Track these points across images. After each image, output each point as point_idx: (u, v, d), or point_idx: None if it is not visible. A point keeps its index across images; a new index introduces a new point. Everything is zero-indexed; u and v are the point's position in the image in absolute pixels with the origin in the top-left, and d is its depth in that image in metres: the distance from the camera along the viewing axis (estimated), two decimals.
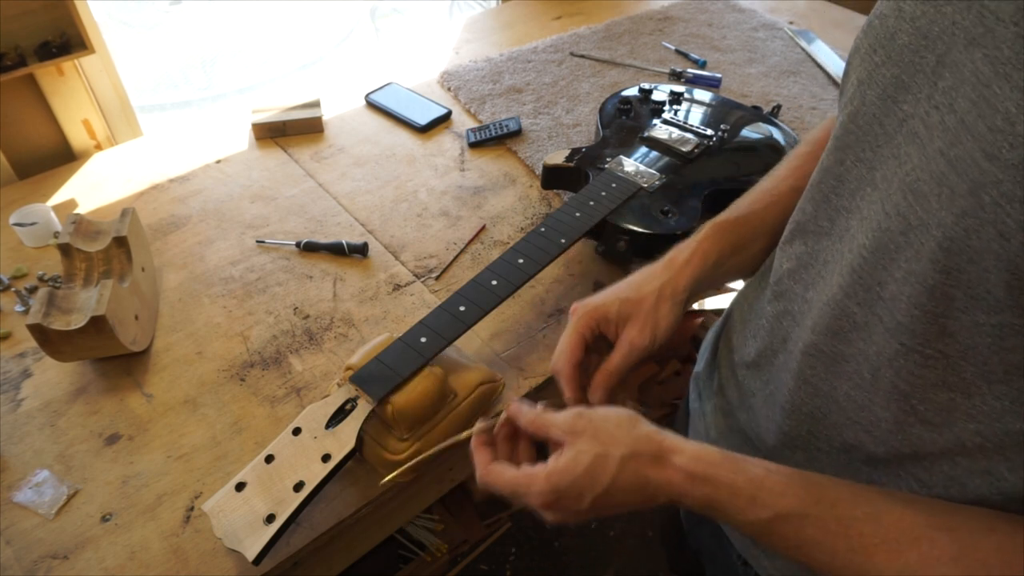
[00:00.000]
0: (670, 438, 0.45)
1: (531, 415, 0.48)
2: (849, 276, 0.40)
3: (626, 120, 1.00)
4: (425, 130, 1.13)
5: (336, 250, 0.90)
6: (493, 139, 1.09)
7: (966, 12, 0.33)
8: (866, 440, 0.43)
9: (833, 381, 0.44)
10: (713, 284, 0.56)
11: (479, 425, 0.51)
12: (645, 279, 0.56)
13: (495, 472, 0.47)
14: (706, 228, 0.57)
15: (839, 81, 1.19)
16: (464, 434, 0.52)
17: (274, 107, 1.13)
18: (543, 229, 0.77)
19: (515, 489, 0.46)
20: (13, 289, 0.84)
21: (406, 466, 0.56)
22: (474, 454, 0.50)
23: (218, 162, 1.07)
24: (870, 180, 0.40)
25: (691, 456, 0.43)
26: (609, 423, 0.46)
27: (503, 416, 0.50)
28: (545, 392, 0.78)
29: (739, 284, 0.63)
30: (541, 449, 0.51)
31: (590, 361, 0.56)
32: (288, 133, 1.12)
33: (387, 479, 0.56)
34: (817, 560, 0.40)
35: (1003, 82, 0.30)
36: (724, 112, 1.02)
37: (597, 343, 0.56)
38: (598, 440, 0.44)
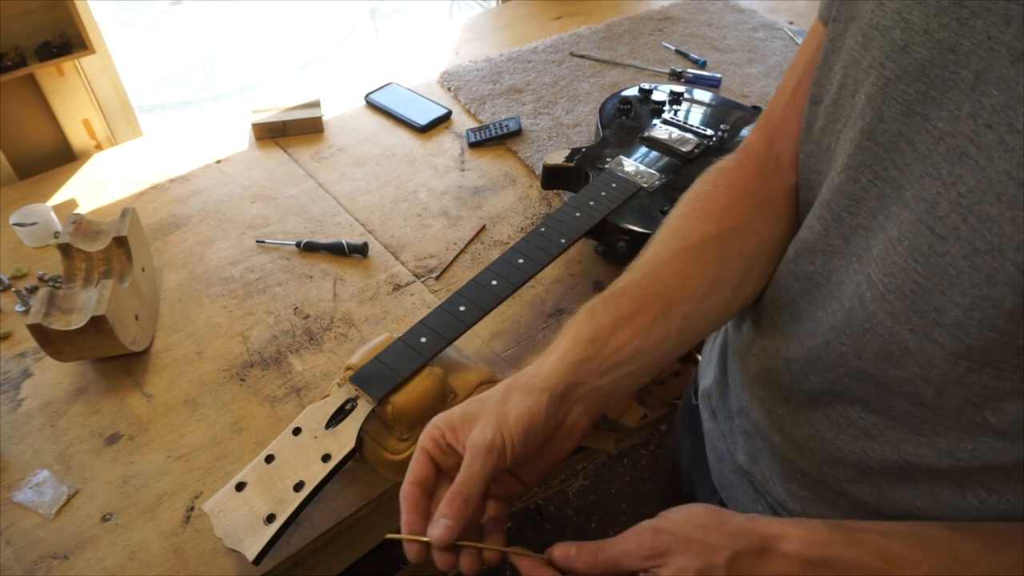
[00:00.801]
0: (766, 524, 0.40)
1: (588, 554, 0.40)
2: (897, 302, 0.38)
3: (626, 120, 1.00)
4: (425, 130, 1.13)
5: (336, 250, 0.90)
6: (493, 139, 1.09)
7: (1004, 26, 0.32)
8: (928, 454, 0.40)
9: (889, 401, 0.41)
10: (605, 371, 0.45)
11: (515, 553, 0.42)
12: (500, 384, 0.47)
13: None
14: (577, 313, 0.48)
15: None
16: (480, 544, 0.44)
17: (274, 107, 1.13)
18: (543, 229, 0.77)
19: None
20: (13, 289, 0.84)
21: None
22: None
23: (218, 162, 1.07)
24: (896, 199, 0.38)
25: (801, 540, 0.39)
26: (694, 527, 0.40)
27: (547, 559, 0.42)
28: None
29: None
30: None
31: (439, 482, 0.46)
32: (288, 133, 1.12)
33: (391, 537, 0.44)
34: None
35: None
36: (724, 112, 1.02)
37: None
38: (692, 552, 0.38)
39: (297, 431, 0.60)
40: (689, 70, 1.23)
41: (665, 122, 0.98)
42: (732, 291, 0.49)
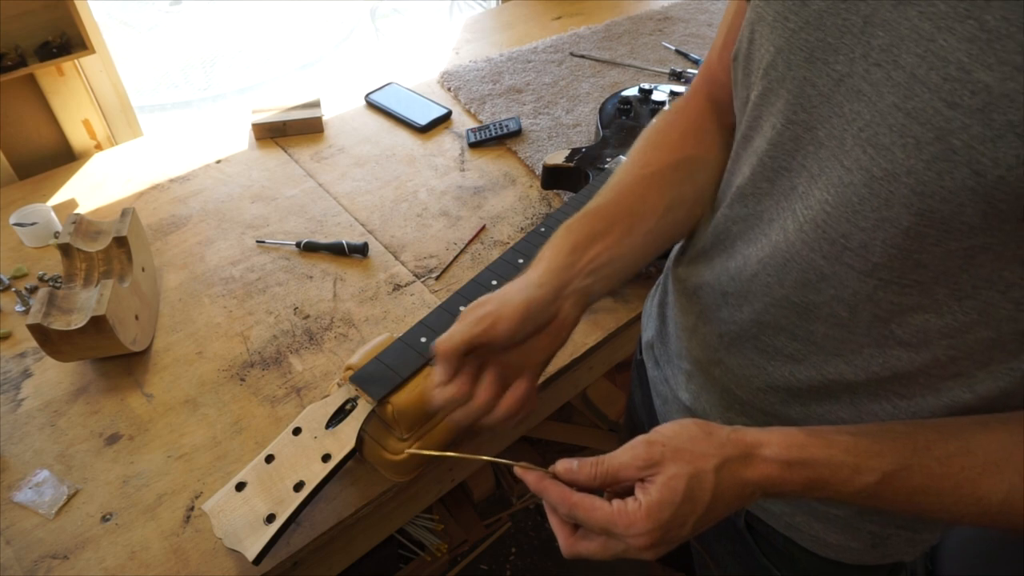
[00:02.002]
0: (750, 432, 0.43)
1: (589, 467, 0.44)
2: (813, 232, 0.42)
3: (626, 120, 1.00)
4: (425, 130, 1.13)
5: (336, 250, 0.90)
6: (493, 139, 1.09)
7: None
8: (846, 371, 0.45)
9: (809, 326, 0.45)
10: (585, 275, 0.51)
11: (523, 465, 0.46)
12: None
13: (586, 504, 0.43)
14: (557, 230, 0.54)
15: None
16: (485, 457, 0.49)
17: (274, 107, 1.13)
18: (543, 229, 0.77)
19: (611, 528, 0.42)
20: (13, 289, 0.84)
21: (440, 454, 0.53)
22: (544, 493, 0.45)
23: (218, 162, 1.07)
24: (811, 139, 0.41)
25: (780, 444, 0.42)
26: (684, 439, 0.43)
27: (551, 475, 0.45)
28: (545, 392, 0.78)
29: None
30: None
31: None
32: (288, 133, 1.12)
33: (413, 451, 0.52)
34: (928, 505, 0.41)
35: (947, 35, 0.32)
36: None
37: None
38: (684, 460, 0.42)
39: (297, 431, 0.60)
40: (689, 70, 1.23)
41: None
42: (686, 211, 0.56)
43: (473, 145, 1.09)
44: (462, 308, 0.67)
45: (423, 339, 0.65)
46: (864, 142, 0.38)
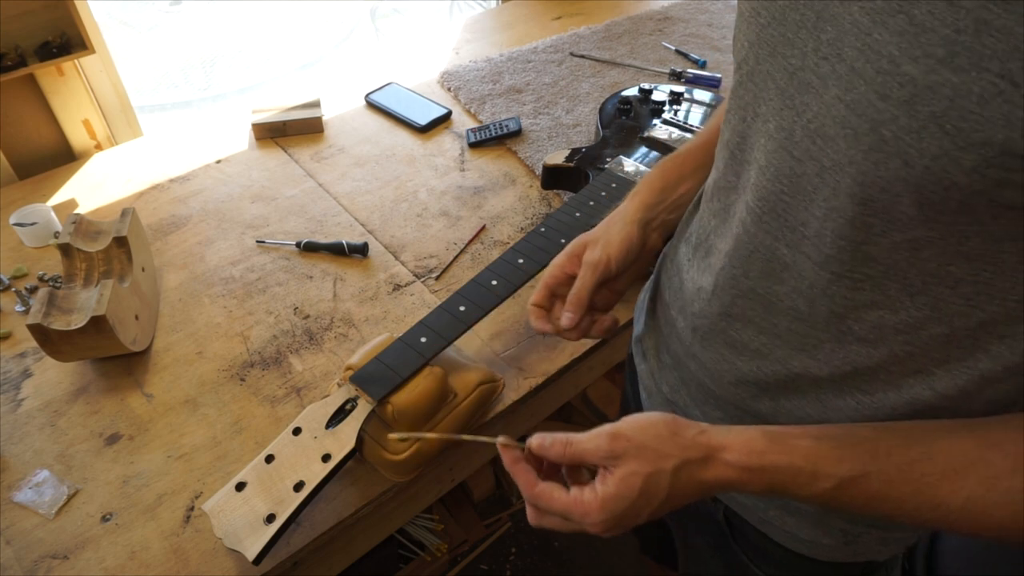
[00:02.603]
0: (715, 435, 0.45)
1: (559, 447, 0.47)
2: (773, 221, 0.43)
3: (626, 120, 1.00)
4: (425, 130, 1.13)
5: (336, 250, 0.90)
6: (493, 139, 1.09)
7: None
8: (811, 365, 0.46)
9: (773, 319, 0.47)
10: (672, 210, 0.62)
11: (503, 438, 0.49)
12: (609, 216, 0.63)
13: (544, 496, 0.46)
14: (653, 167, 0.64)
15: None
16: (467, 437, 0.51)
17: (274, 107, 1.13)
18: (543, 229, 0.77)
19: (568, 515, 0.45)
20: (13, 289, 0.84)
21: (428, 435, 0.53)
22: (515, 475, 0.48)
23: (218, 162, 1.07)
24: (764, 132, 0.43)
25: (741, 450, 0.44)
26: (648, 436, 0.45)
27: (526, 450, 0.48)
28: (545, 392, 0.78)
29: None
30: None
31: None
32: (288, 133, 1.12)
33: (398, 437, 0.53)
34: (887, 510, 0.42)
35: (882, 29, 0.33)
36: None
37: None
38: (644, 459, 0.44)
39: (297, 431, 0.60)
40: (689, 70, 1.23)
41: (665, 122, 0.98)
42: None
43: (473, 145, 1.09)
44: (462, 308, 0.68)
45: (423, 339, 0.65)
46: (813, 133, 0.39)
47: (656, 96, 1.04)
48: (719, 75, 1.21)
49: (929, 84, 0.32)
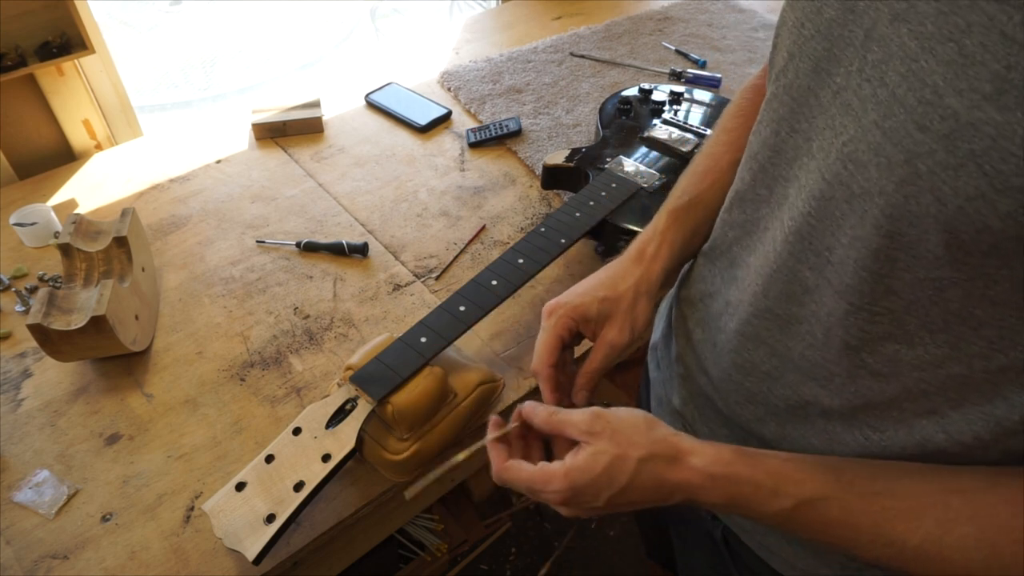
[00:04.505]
0: (687, 441, 0.46)
1: (545, 414, 0.49)
2: (798, 243, 0.42)
3: (626, 120, 1.00)
4: (425, 130, 1.13)
5: (336, 250, 0.90)
6: (493, 139, 1.09)
7: None
8: (821, 395, 0.45)
9: (788, 342, 0.46)
10: (677, 271, 0.60)
11: (493, 435, 0.52)
12: (620, 275, 0.57)
13: (512, 469, 0.49)
14: (664, 216, 0.59)
15: None
16: (463, 455, 0.53)
17: (274, 107, 1.13)
18: (543, 229, 0.77)
19: (531, 486, 0.47)
20: (13, 289, 0.84)
21: (433, 475, 0.54)
22: (490, 452, 0.51)
23: (218, 162, 1.07)
24: (807, 150, 0.41)
25: (708, 458, 0.45)
26: (626, 424, 0.47)
27: (515, 413, 0.51)
28: None
29: None
30: (549, 449, 0.52)
31: (566, 359, 0.58)
32: (288, 133, 1.12)
33: (409, 492, 0.54)
34: (843, 539, 0.42)
35: (929, 56, 0.32)
36: None
37: (572, 340, 0.58)
38: (616, 442, 0.46)
39: (297, 431, 0.60)
40: (689, 70, 1.23)
41: (665, 122, 0.98)
42: None
43: (473, 145, 1.09)
44: (462, 308, 0.68)
45: (423, 339, 0.65)
46: (845, 157, 0.37)
47: (656, 96, 1.04)
48: (719, 75, 1.21)
49: (972, 120, 0.30)
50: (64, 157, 1.10)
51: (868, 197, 0.36)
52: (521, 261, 0.73)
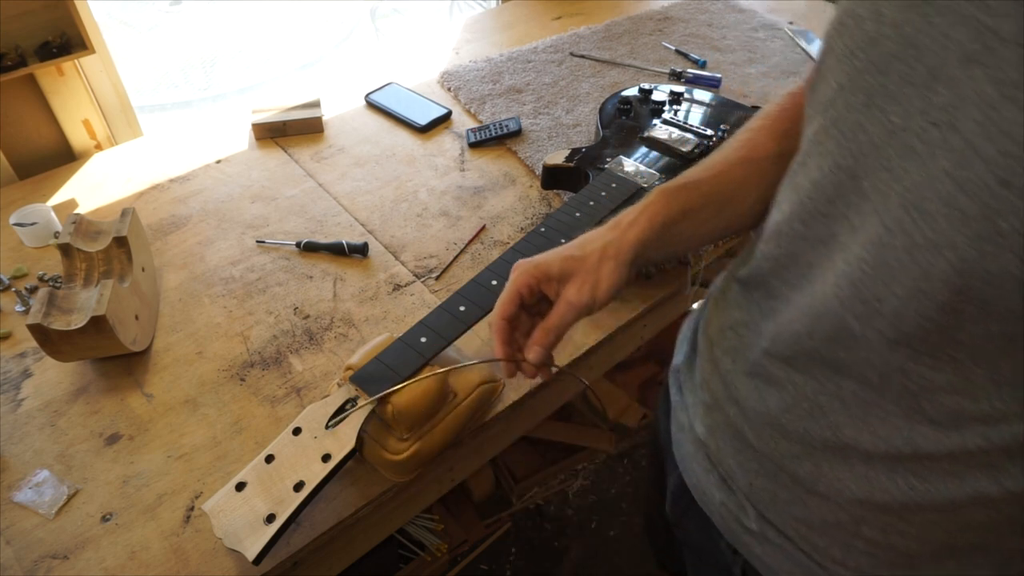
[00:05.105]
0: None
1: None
2: (848, 289, 0.39)
3: (626, 120, 1.00)
4: (425, 130, 1.13)
5: (336, 250, 0.90)
6: (493, 139, 1.09)
7: (959, 27, 0.32)
8: (865, 439, 0.43)
9: (837, 379, 0.43)
10: (661, 248, 0.56)
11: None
12: (590, 239, 0.56)
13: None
14: (655, 192, 0.57)
15: None
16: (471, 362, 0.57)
17: (274, 107, 1.13)
18: (543, 229, 0.77)
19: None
20: (13, 289, 0.84)
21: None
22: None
23: (218, 162, 1.07)
24: (855, 189, 0.39)
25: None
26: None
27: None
28: (545, 392, 0.78)
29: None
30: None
31: (531, 321, 0.57)
32: (288, 133, 1.12)
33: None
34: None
35: (1011, 105, 0.30)
36: (724, 112, 1.02)
37: (538, 304, 0.57)
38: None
39: (297, 431, 0.60)
40: (689, 70, 1.23)
41: (665, 122, 0.98)
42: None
43: (473, 145, 1.09)
44: (462, 308, 0.67)
45: (423, 339, 0.65)
46: (909, 204, 0.35)
47: (656, 96, 1.05)
48: (719, 75, 1.21)
49: None
50: (64, 157, 1.10)
51: (935, 250, 0.34)
52: None
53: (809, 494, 0.47)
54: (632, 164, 0.89)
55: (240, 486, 0.57)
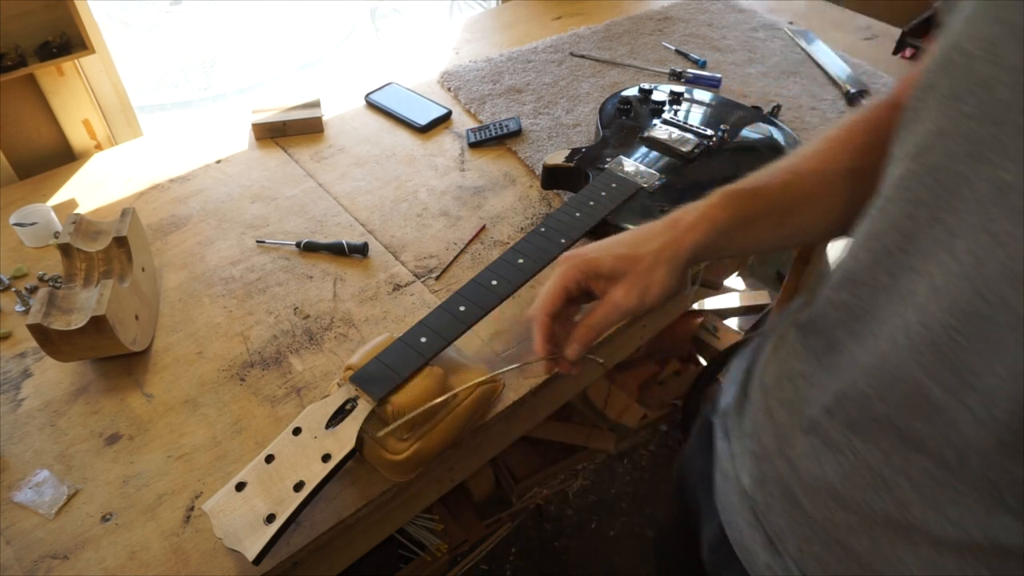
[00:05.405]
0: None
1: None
2: (932, 356, 0.35)
3: (626, 120, 1.00)
4: (425, 130, 1.13)
5: (336, 250, 0.90)
6: (493, 139, 1.09)
7: None
8: (934, 521, 0.38)
9: (908, 453, 0.39)
10: (717, 254, 0.54)
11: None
12: (645, 237, 0.53)
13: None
14: (717, 195, 0.53)
15: (839, 81, 1.19)
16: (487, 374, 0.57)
17: (274, 107, 1.13)
18: (543, 229, 0.77)
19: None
20: (13, 289, 0.84)
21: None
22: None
23: (218, 162, 1.07)
24: (948, 247, 0.35)
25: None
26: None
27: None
28: (545, 392, 0.78)
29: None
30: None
31: (570, 313, 0.55)
32: (288, 133, 1.12)
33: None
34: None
35: None
36: (724, 112, 1.02)
37: (581, 297, 0.55)
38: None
39: (297, 431, 0.60)
40: (689, 70, 1.23)
41: (665, 122, 0.98)
42: (837, 224, 0.53)
43: (473, 145, 1.09)
44: (462, 308, 0.68)
45: (423, 339, 0.65)
46: (1012, 274, 0.31)
47: (656, 96, 1.05)
48: (719, 75, 1.21)
49: None
50: (64, 157, 1.10)
51: None
52: (521, 261, 0.73)
53: (865, 571, 0.43)
54: (632, 164, 0.89)
55: (240, 486, 0.57)
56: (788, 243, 0.56)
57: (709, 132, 0.95)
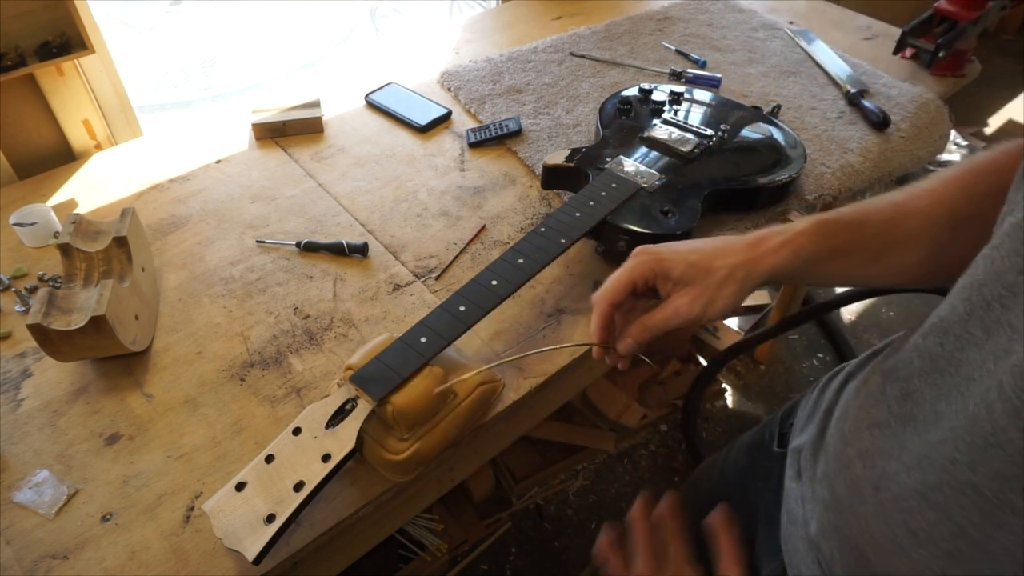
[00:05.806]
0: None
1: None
2: None
3: (626, 120, 1.00)
4: (425, 130, 1.13)
5: (336, 250, 0.90)
6: (493, 139, 1.09)
7: None
8: None
9: (988, 529, 0.35)
10: (795, 281, 0.53)
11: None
12: (723, 251, 0.52)
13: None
14: (811, 221, 0.51)
15: (839, 81, 1.19)
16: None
17: (274, 107, 1.13)
18: (543, 229, 0.77)
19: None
20: (13, 289, 0.84)
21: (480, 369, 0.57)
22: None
23: (218, 162, 1.07)
24: None
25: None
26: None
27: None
28: (545, 392, 0.78)
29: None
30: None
31: (632, 305, 0.55)
32: (288, 133, 1.12)
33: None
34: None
35: None
36: (724, 112, 1.02)
37: (646, 292, 0.55)
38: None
39: (297, 431, 0.60)
40: (689, 70, 1.23)
41: (665, 122, 0.98)
42: (936, 272, 0.51)
43: (473, 145, 1.09)
44: (462, 308, 0.68)
45: (423, 339, 0.65)
46: None
47: (656, 96, 1.05)
48: (719, 75, 1.21)
49: None
50: (64, 157, 1.10)
51: None
52: (521, 261, 0.73)
53: None
54: (632, 164, 0.89)
55: (240, 486, 0.57)
56: (877, 283, 0.55)
57: (709, 132, 0.95)
